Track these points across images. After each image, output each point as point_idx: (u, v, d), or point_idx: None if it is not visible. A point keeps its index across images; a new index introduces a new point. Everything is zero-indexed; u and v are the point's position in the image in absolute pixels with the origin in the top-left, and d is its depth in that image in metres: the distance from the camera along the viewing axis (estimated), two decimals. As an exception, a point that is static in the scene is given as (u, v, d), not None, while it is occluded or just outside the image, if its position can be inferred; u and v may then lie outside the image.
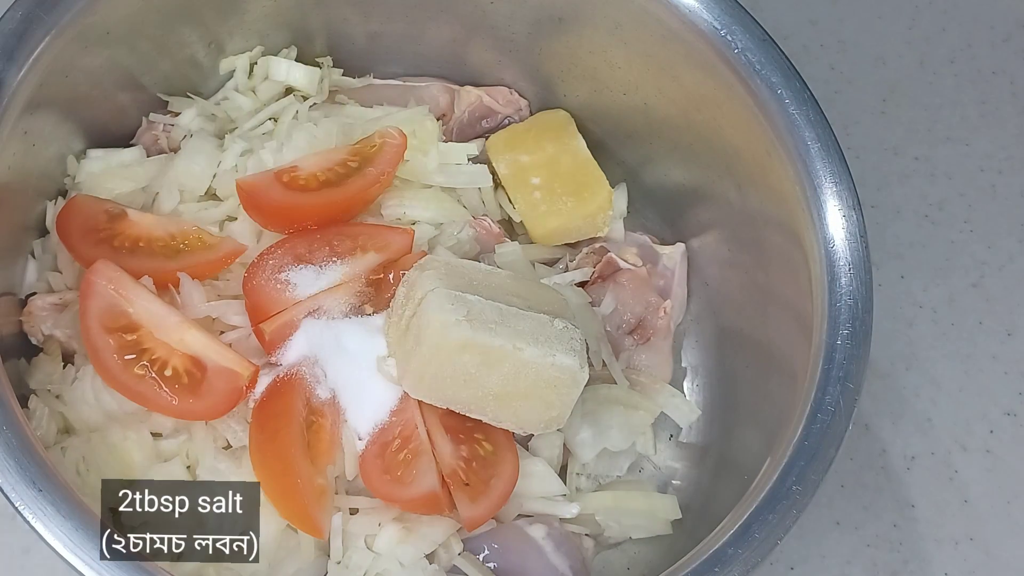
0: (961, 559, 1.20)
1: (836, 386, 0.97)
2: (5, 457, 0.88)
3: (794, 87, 1.05)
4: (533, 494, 1.08)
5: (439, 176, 1.20)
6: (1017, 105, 1.41)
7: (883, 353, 1.27)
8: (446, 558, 1.04)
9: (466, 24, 1.23)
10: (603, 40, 1.16)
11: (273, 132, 1.20)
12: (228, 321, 1.08)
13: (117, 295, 1.03)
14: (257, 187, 1.12)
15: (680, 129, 1.17)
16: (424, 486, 1.01)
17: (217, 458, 1.03)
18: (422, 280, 1.02)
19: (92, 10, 1.05)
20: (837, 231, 1.01)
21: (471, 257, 1.16)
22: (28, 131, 1.05)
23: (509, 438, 1.06)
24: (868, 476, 1.22)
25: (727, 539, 0.92)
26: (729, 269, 1.18)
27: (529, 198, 1.21)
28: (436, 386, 1.01)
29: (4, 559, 1.11)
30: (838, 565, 1.19)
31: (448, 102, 1.27)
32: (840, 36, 1.43)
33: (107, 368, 1.01)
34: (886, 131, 1.39)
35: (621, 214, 1.25)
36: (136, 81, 1.17)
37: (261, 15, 1.21)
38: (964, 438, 1.25)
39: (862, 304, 0.99)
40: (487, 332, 0.98)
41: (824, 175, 1.03)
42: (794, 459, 0.94)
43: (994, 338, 1.30)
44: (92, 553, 0.86)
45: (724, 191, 1.15)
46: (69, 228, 1.08)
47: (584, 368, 1.01)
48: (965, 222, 1.35)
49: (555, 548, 1.05)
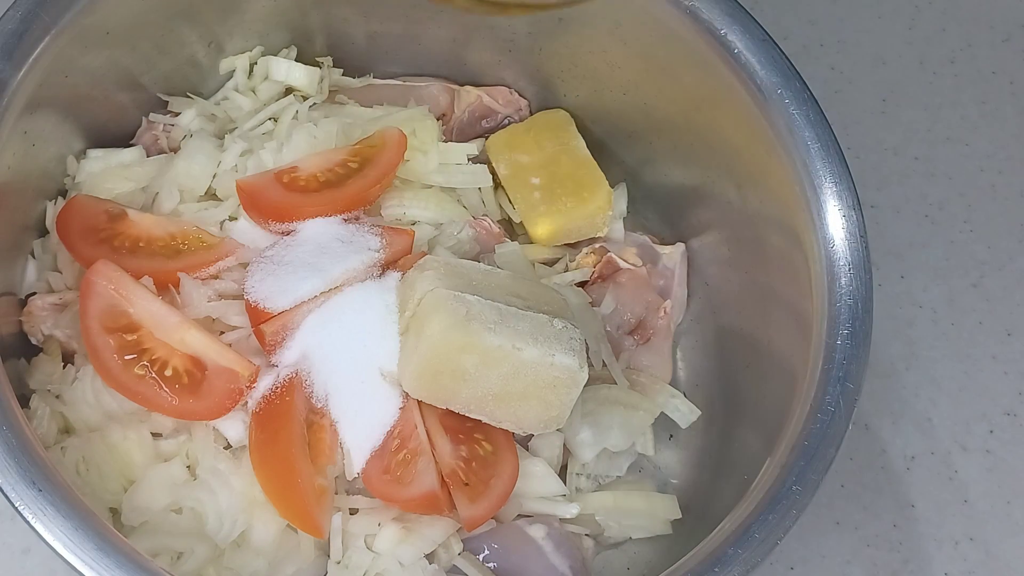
0: (961, 559, 1.20)
1: (836, 386, 0.97)
2: (5, 457, 0.88)
3: (794, 87, 1.05)
4: (533, 494, 1.08)
5: (439, 176, 1.20)
6: (1017, 105, 1.41)
7: (883, 353, 1.27)
8: (446, 558, 1.04)
9: (466, 24, 1.23)
10: (603, 40, 1.16)
11: (273, 132, 1.20)
12: (228, 321, 1.07)
13: (117, 295, 1.03)
14: (257, 187, 1.12)
15: (680, 129, 1.17)
16: (423, 486, 1.01)
17: (217, 458, 1.03)
18: (422, 280, 1.02)
19: (92, 10, 1.05)
20: (837, 231, 1.01)
21: (471, 257, 1.16)
22: (28, 131, 1.05)
23: (509, 438, 1.06)
24: (868, 476, 1.22)
25: (727, 539, 0.92)
26: (729, 269, 1.18)
27: (529, 198, 1.21)
28: (435, 386, 1.01)
29: (4, 559, 1.11)
30: (838, 565, 1.19)
31: (448, 102, 1.27)
32: (840, 36, 1.43)
33: (107, 368, 1.01)
34: (886, 131, 1.39)
35: (621, 214, 1.25)
36: (136, 81, 1.17)
37: (261, 15, 1.21)
38: (964, 438, 1.25)
39: (862, 304, 0.99)
40: (487, 332, 0.98)
41: (824, 175, 1.03)
42: (794, 459, 0.94)
43: (994, 338, 1.30)
44: (92, 553, 0.86)
45: (724, 191, 1.15)
46: (69, 228, 1.08)
47: (584, 368, 1.01)
48: (965, 222, 1.35)
49: (555, 548, 1.05)
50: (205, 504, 1.01)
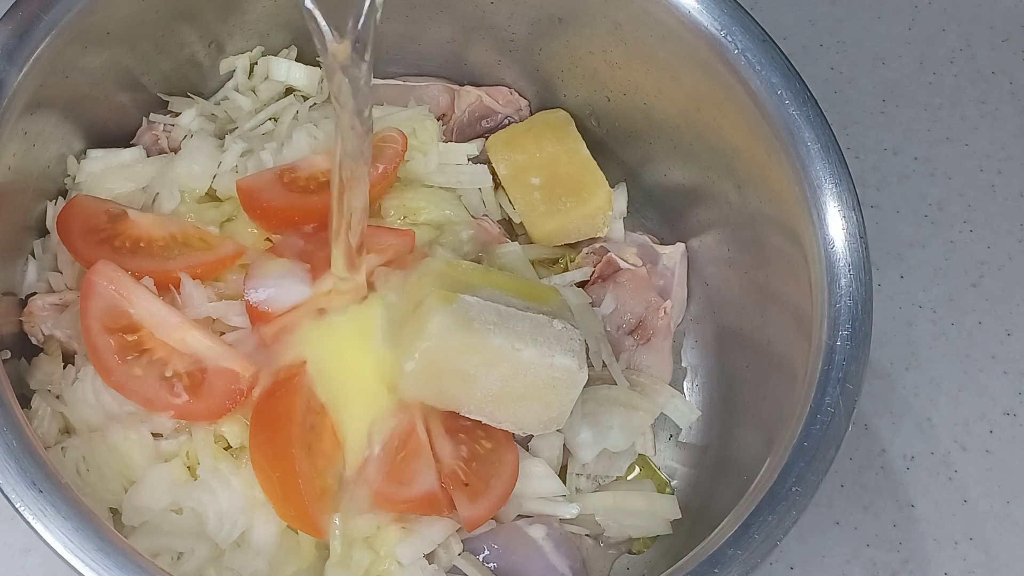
0: (961, 559, 1.20)
1: (836, 387, 0.97)
2: (6, 458, 0.88)
3: (794, 88, 1.05)
4: (533, 494, 1.08)
5: (439, 176, 1.20)
6: (1017, 105, 1.41)
7: (883, 353, 1.27)
8: (446, 558, 1.04)
9: (466, 24, 1.23)
10: (603, 40, 1.16)
11: (273, 132, 1.20)
12: (229, 322, 1.07)
13: (118, 296, 1.03)
14: (257, 188, 1.12)
15: (680, 129, 1.17)
16: (423, 487, 1.01)
17: (217, 458, 1.03)
18: (422, 281, 1.02)
19: (92, 10, 1.05)
20: (837, 232, 1.01)
21: (471, 257, 1.16)
22: (28, 131, 1.05)
23: (509, 438, 1.06)
24: (868, 476, 1.22)
25: (727, 540, 0.91)
26: (729, 269, 1.18)
27: (529, 198, 1.22)
28: (435, 387, 1.01)
29: (4, 559, 1.11)
30: (838, 565, 1.19)
31: (448, 102, 1.27)
32: (839, 36, 1.43)
33: (108, 368, 1.01)
34: (886, 131, 1.39)
35: (621, 214, 1.25)
36: (136, 81, 1.17)
37: (261, 15, 1.21)
38: (964, 438, 1.25)
39: (862, 305, 0.99)
40: (486, 333, 0.98)
41: (824, 176, 1.03)
42: (793, 460, 0.94)
43: (994, 338, 1.30)
44: (93, 554, 0.86)
45: (724, 191, 1.15)
46: (69, 228, 1.08)
47: (583, 369, 1.01)
48: (965, 222, 1.35)
49: (555, 548, 1.06)
50: (205, 504, 1.01)
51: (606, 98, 1.22)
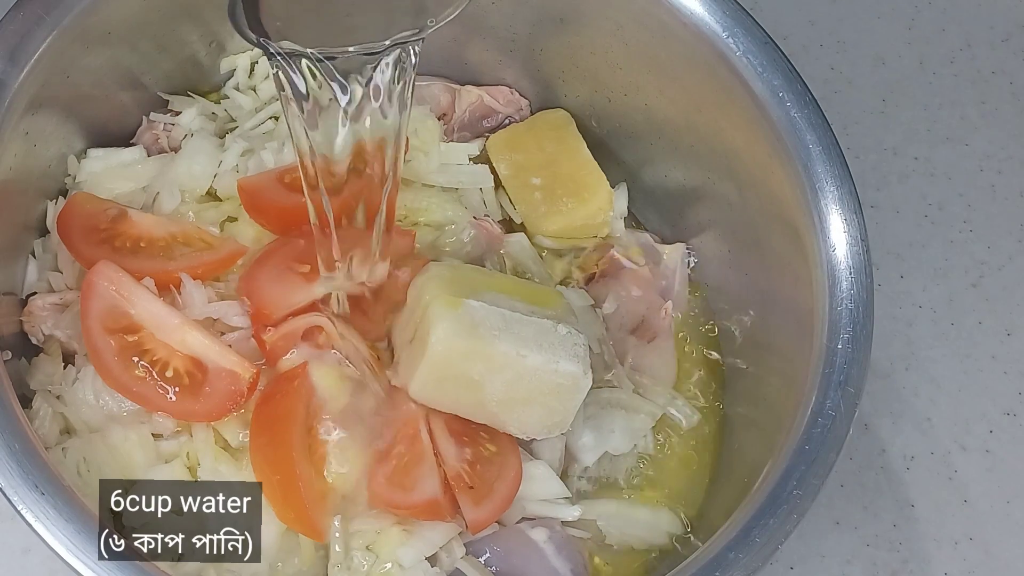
0: (961, 559, 1.20)
1: (836, 390, 0.97)
2: (6, 459, 0.88)
3: (795, 90, 1.05)
4: (535, 496, 1.08)
5: (440, 176, 1.20)
6: (1017, 105, 1.41)
7: (883, 353, 1.27)
8: (448, 561, 1.04)
9: (467, 24, 1.23)
10: (604, 41, 1.16)
11: (274, 132, 1.20)
12: (229, 322, 1.07)
13: (118, 296, 1.03)
14: (258, 187, 1.12)
15: (681, 130, 1.17)
16: (425, 492, 1.01)
17: (218, 459, 1.03)
18: (427, 286, 1.02)
19: (93, 10, 1.05)
20: (838, 235, 1.01)
21: (473, 257, 1.16)
22: (29, 131, 1.05)
23: (512, 441, 1.06)
24: (868, 476, 1.22)
25: (728, 543, 0.92)
26: (729, 270, 1.18)
27: (530, 198, 1.21)
28: (440, 392, 1.01)
29: (4, 559, 1.11)
30: (838, 565, 1.19)
31: (449, 102, 1.27)
32: (840, 36, 1.43)
33: (108, 369, 1.01)
34: (886, 131, 1.39)
35: (621, 214, 1.25)
36: (137, 80, 1.17)
37: (262, 14, 1.21)
38: (963, 438, 1.25)
39: (863, 308, 0.99)
40: (491, 339, 0.98)
41: (825, 178, 1.03)
42: (794, 463, 0.94)
43: (993, 338, 1.30)
44: (93, 555, 0.86)
45: (725, 192, 1.15)
46: (70, 228, 1.08)
47: (587, 374, 1.01)
48: (964, 222, 1.35)
49: (557, 551, 1.05)
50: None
51: (607, 98, 1.22)
